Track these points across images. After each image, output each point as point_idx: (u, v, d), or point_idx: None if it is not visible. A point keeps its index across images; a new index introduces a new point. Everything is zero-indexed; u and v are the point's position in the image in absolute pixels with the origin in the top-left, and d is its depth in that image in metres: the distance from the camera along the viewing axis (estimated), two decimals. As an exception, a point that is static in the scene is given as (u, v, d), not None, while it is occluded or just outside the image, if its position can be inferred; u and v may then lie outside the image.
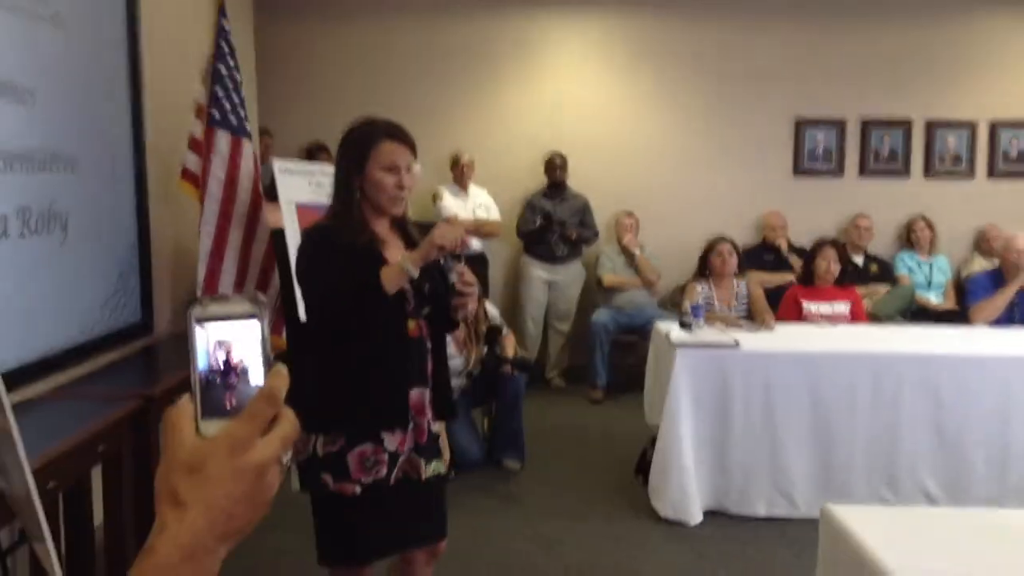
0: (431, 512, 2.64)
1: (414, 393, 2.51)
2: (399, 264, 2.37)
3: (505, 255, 7.24)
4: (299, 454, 2.48)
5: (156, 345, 4.21)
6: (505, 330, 5.13)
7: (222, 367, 0.74)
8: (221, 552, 0.72)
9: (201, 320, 0.73)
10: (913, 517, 2.58)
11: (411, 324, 2.51)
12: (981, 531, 2.26)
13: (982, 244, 7.11)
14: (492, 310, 5.19)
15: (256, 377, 0.75)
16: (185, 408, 0.74)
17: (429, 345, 2.57)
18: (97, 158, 3.74)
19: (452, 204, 6.64)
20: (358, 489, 2.44)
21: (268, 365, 0.75)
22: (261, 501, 0.74)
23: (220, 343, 0.74)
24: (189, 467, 0.71)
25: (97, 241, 3.73)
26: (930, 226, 7.02)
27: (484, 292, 6.77)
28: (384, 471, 2.46)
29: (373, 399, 2.45)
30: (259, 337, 0.75)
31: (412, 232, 2.62)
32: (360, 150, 2.48)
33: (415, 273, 2.38)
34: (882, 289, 6.52)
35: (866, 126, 7.29)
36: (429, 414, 2.57)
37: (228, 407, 0.74)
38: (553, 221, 6.70)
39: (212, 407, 0.73)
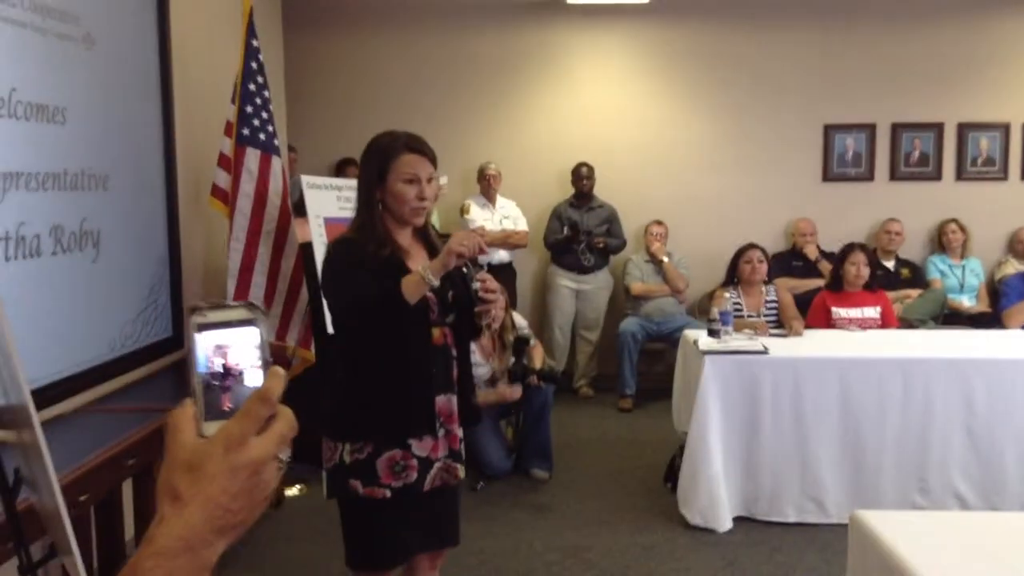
0: (453, 517, 2.71)
1: (441, 400, 2.55)
2: (419, 273, 2.41)
3: (533, 265, 7.26)
4: (327, 462, 2.53)
5: (186, 360, 4.26)
6: (533, 341, 5.14)
7: (220, 370, 0.78)
8: (219, 546, 0.75)
9: (202, 327, 0.77)
10: (944, 522, 2.55)
11: (436, 332, 2.54)
12: (1014, 535, 2.23)
13: (1016, 246, 7.01)
14: (520, 320, 5.20)
15: (254, 379, 0.78)
16: (187, 410, 0.78)
17: (454, 353, 2.61)
18: (128, 176, 3.81)
19: (479, 216, 6.67)
20: (388, 493, 2.48)
21: (266, 367, 0.78)
22: (258, 497, 0.76)
23: (218, 347, 0.78)
24: (188, 465, 0.75)
25: (128, 257, 3.79)
26: (962, 229, 6.93)
27: (512, 302, 6.79)
28: (414, 476, 2.50)
29: (399, 407, 2.49)
30: (257, 342, 0.79)
31: (435, 242, 2.66)
32: (381, 163, 2.53)
33: (435, 282, 2.41)
34: (914, 294, 6.45)
35: (896, 130, 7.22)
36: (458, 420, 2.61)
37: (226, 408, 0.78)
38: (580, 231, 6.71)
39: (213, 409, 0.77)
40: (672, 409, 4.91)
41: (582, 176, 6.85)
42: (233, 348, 0.78)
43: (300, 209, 4.82)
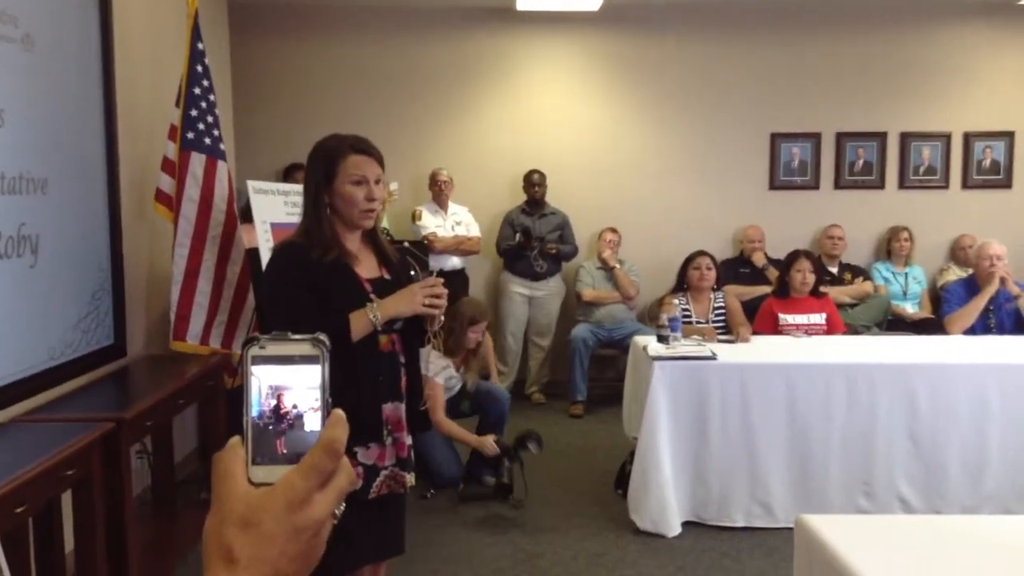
0: (398, 525, 2.67)
1: (388, 407, 2.51)
2: (367, 314, 2.39)
3: (486, 272, 7.25)
4: None
5: (129, 367, 4.18)
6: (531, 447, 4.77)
7: (274, 411, 0.71)
8: None
9: (257, 360, 0.70)
10: (887, 526, 2.59)
11: (383, 339, 2.50)
12: (956, 538, 2.26)
13: (958, 253, 7.16)
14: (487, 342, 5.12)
15: (312, 423, 0.71)
16: (237, 453, 0.70)
17: (402, 359, 2.58)
18: (69, 180, 3.73)
19: (431, 222, 6.64)
20: None
21: (327, 411, 0.71)
22: (313, 559, 0.70)
23: (273, 387, 0.71)
24: (244, 521, 0.67)
25: (69, 263, 3.71)
26: (911, 237, 7.06)
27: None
28: (359, 484, 2.43)
29: (345, 415, 2.43)
30: (318, 382, 0.71)
31: (385, 246, 2.63)
32: (327, 164, 2.48)
33: (379, 325, 2.40)
34: (863, 287, 6.60)
35: (841, 139, 7.35)
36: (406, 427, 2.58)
37: (279, 453, 0.70)
38: (532, 237, 6.72)
39: (263, 452, 0.70)
40: (623, 415, 4.93)
41: (534, 183, 6.87)
42: (291, 387, 0.70)
43: (247, 214, 4.76)
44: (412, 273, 2.52)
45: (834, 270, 6.84)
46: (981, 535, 2.29)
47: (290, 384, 0.70)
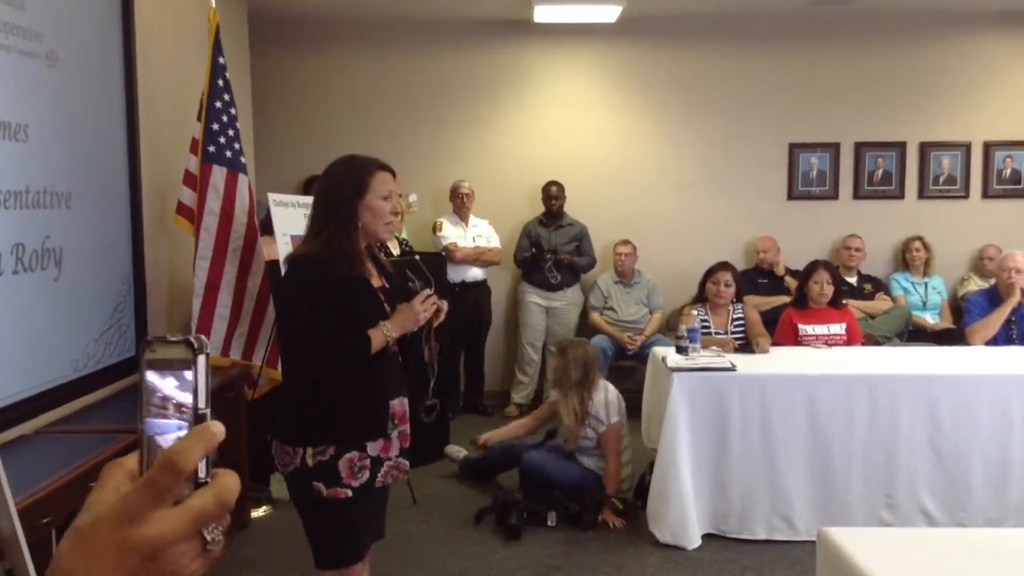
0: (384, 512, 2.87)
1: (395, 403, 2.70)
2: (381, 331, 2.59)
3: (507, 283, 7.26)
4: (286, 467, 2.62)
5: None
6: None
7: (162, 419, 0.66)
8: None
9: (150, 364, 0.65)
10: (910, 539, 2.57)
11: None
12: (979, 551, 2.25)
13: (982, 263, 7.09)
14: (601, 403, 4.68)
15: (181, 433, 0.65)
16: (120, 464, 0.66)
17: (400, 359, 2.77)
18: (92, 193, 3.76)
19: (452, 233, 6.68)
20: (349, 492, 2.58)
21: (195, 420, 0.65)
22: None
23: (161, 394, 0.65)
24: (79, 532, 0.62)
25: (92, 276, 3.74)
26: (926, 247, 7.02)
27: (487, 319, 6.78)
28: (367, 475, 2.62)
29: (359, 412, 2.62)
30: (191, 388, 0.65)
31: (380, 258, 2.80)
32: (360, 180, 2.61)
33: (392, 342, 2.62)
34: (883, 305, 6.54)
35: (860, 149, 7.32)
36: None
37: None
38: (544, 249, 6.73)
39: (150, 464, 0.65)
40: (642, 426, 4.91)
41: (552, 195, 6.88)
42: (173, 397, 0.65)
43: (267, 227, 4.79)
44: (410, 284, 2.64)
45: (853, 281, 6.80)
46: (1005, 548, 2.28)
47: (171, 391, 0.65)
